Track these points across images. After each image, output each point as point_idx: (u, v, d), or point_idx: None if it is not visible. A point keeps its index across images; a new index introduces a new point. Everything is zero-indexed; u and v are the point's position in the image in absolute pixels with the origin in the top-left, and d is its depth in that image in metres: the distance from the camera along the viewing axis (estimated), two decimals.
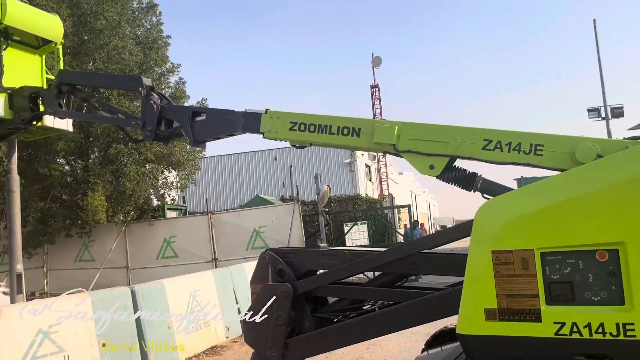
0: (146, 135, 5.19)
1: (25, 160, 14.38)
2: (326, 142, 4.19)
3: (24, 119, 6.11)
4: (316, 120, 4.18)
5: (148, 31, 17.16)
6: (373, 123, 3.93)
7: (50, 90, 5.86)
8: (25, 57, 6.81)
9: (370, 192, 30.12)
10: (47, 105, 5.85)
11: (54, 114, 5.92)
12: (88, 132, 15.53)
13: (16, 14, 6.34)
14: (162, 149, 15.44)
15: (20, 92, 6.15)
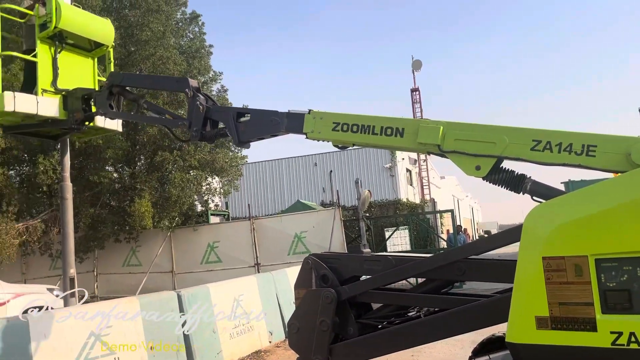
0: (192, 135, 5.31)
1: (77, 168, 14.94)
2: (369, 142, 4.17)
3: (77, 119, 6.36)
4: (359, 121, 4.16)
5: (191, 41, 17.58)
6: (417, 123, 3.88)
7: (102, 92, 6.09)
8: (78, 60, 7.04)
9: (412, 197, 29.80)
10: (99, 106, 6.08)
11: (105, 115, 6.15)
12: (135, 140, 16.02)
13: (70, 18, 6.54)
14: (206, 155, 15.75)
15: (74, 93, 6.41)
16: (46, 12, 6.48)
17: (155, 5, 15.36)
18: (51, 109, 6.29)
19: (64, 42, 6.73)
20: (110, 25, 7.28)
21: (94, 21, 7.13)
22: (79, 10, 7.01)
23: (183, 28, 17.12)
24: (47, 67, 6.55)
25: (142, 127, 15.48)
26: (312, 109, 4.49)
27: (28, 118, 6.37)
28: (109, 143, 14.54)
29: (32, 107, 6.14)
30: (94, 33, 6.94)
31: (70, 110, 6.38)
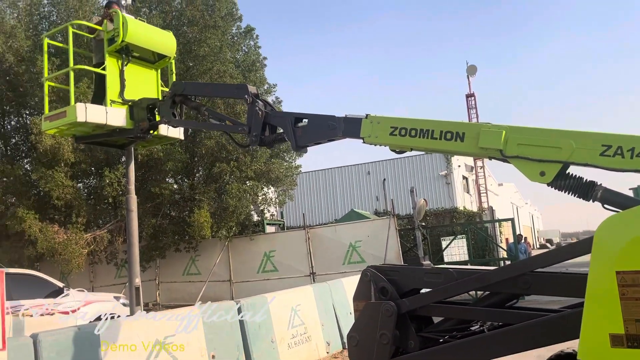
0: (252, 140, 5.44)
1: (139, 181, 15.55)
2: (428, 147, 4.10)
3: (143, 128, 6.66)
4: (417, 125, 4.11)
5: (246, 54, 17.98)
6: (478, 127, 3.79)
7: (165, 101, 6.35)
8: (143, 72, 7.36)
9: (469, 205, 29.13)
10: (163, 114, 6.36)
11: (168, 123, 6.42)
12: (193, 153, 16.51)
13: (136, 32, 6.87)
14: (261, 166, 16.02)
15: (139, 103, 6.71)
16: (114, 27, 6.83)
17: (212, 22, 15.84)
18: (119, 118, 6.63)
19: (130, 55, 7.07)
20: (172, 38, 7.58)
21: (158, 34, 7.45)
22: (144, 24, 7.36)
23: (238, 42, 17.54)
24: (115, 80, 6.91)
25: (200, 140, 15.94)
26: (369, 114, 4.50)
27: (98, 128, 6.73)
28: (169, 156, 15.06)
29: (102, 117, 6.48)
30: (158, 45, 7.25)
31: (136, 119, 6.69)
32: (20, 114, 18.29)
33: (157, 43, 7.23)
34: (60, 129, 6.75)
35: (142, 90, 7.15)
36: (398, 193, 27.66)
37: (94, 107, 6.55)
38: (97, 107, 6.58)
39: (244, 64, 17.45)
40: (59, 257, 13.73)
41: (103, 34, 6.97)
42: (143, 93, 7.08)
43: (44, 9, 17.92)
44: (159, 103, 6.56)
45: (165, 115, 6.34)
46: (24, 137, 17.90)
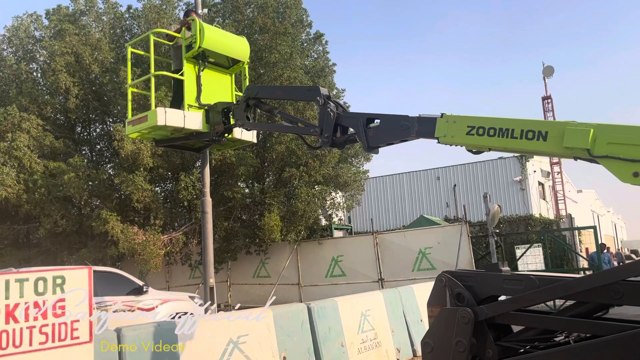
0: (323, 141, 5.46)
1: (212, 185, 16.07)
2: (507, 146, 3.92)
3: (218, 131, 6.92)
4: (496, 124, 3.93)
5: (315, 60, 18.18)
6: (563, 125, 3.58)
7: (240, 105, 6.54)
8: (218, 77, 7.65)
9: (545, 212, 27.84)
10: (237, 118, 6.56)
11: (242, 126, 6.61)
12: (263, 158, 16.86)
13: (212, 38, 7.18)
14: (330, 171, 16.10)
15: (215, 107, 6.98)
16: (191, 34, 7.15)
17: (282, 29, 16.16)
18: (196, 122, 6.93)
19: (206, 60, 7.38)
20: (246, 43, 7.83)
21: (232, 40, 7.73)
22: (219, 30, 7.67)
23: (308, 48, 17.77)
24: (192, 85, 7.23)
25: (270, 145, 16.26)
26: (444, 113, 4.37)
27: (176, 131, 7.06)
28: (241, 161, 15.46)
29: (180, 121, 6.80)
30: (232, 50, 7.52)
31: (212, 123, 6.96)
32: (105, 121, 19.47)
33: (231, 48, 7.49)
34: (141, 132, 7.12)
35: (217, 95, 7.44)
36: (469, 199, 26.90)
37: (173, 111, 6.86)
38: (176, 111, 6.89)
39: (313, 69, 17.66)
40: (139, 257, 14.42)
41: (181, 41, 7.31)
42: (218, 97, 7.36)
43: (126, 22, 19.01)
44: (234, 107, 6.76)
45: (240, 119, 6.53)
46: (108, 143, 19.01)
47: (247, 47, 7.77)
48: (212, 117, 6.95)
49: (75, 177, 15.58)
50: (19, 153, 15.69)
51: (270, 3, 16.31)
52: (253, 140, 7.99)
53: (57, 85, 16.67)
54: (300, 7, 17.20)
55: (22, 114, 16.20)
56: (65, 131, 18.33)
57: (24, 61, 18.66)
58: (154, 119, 6.70)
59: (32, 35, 19.45)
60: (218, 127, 6.89)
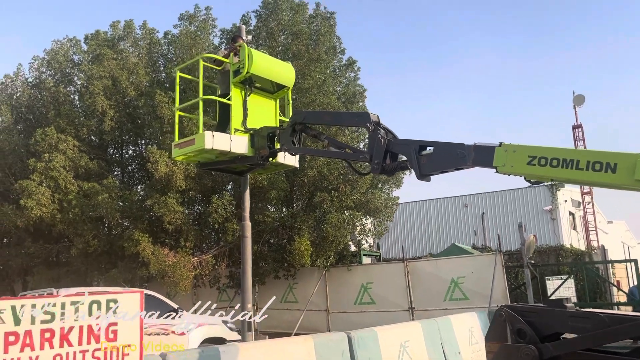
0: (373, 168, 5.43)
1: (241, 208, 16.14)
2: (571, 178, 3.83)
3: (263, 155, 6.97)
4: (560, 154, 3.86)
5: (346, 86, 18.32)
6: (634, 157, 3.48)
7: (286, 129, 6.58)
8: (263, 102, 7.74)
9: (576, 243, 27.22)
10: (283, 142, 6.59)
11: (288, 151, 6.65)
12: (294, 182, 16.90)
13: (260, 64, 7.26)
14: (361, 196, 16.04)
15: (260, 132, 7.04)
16: (239, 60, 7.25)
17: (316, 55, 16.35)
18: (241, 146, 6.99)
19: (252, 85, 7.46)
20: (292, 69, 7.92)
21: (278, 65, 7.84)
22: (267, 56, 7.79)
23: (340, 75, 17.93)
24: (239, 109, 7.31)
25: (302, 169, 16.28)
26: (503, 142, 4.33)
27: (221, 155, 7.13)
28: (272, 184, 15.51)
29: (227, 145, 6.86)
30: (279, 76, 7.62)
31: (257, 147, 7.01)
32: (137, 143, 19.81)
33: (278, 74, 7.60)
34: (187, 155, 7.21)
35: (262, 119, 7.51)
36: (498, 227, 26.47)
37: (220, 135, 6.93)
38: (223, 135, 6.96)
39: (345, 95, 17.77)
40: (169, 279, 14.46)
41: (229, 66, 7.43)
42: (263, 122, 7.42)
43: (162, 47, 19.47)
44: (280, 131, 6.81)
45: (286, 143, 6.57)
46: (139, 164, 19.31)
47: (293, 73, 7.88)
48: (258, 141, 7.02)
49: (108, 198, 15.82)
50: (55, 173, 16.01)
51: (304, 30, 16.57)
52: (295, 165, 8.03)
53: (94, 108, 17.07)
54: (333, 35, 17.44)
55: (60, 135, 16.59)
56: (99, 152, 18.70)
57: (62, 84, 19.20)
58: (201, 142, 6.78)
59: (71, 59, 20.04)
60: (263, 151, 6.95)
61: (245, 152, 7.02)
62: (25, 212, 15.57)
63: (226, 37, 17.71)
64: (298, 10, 17.23)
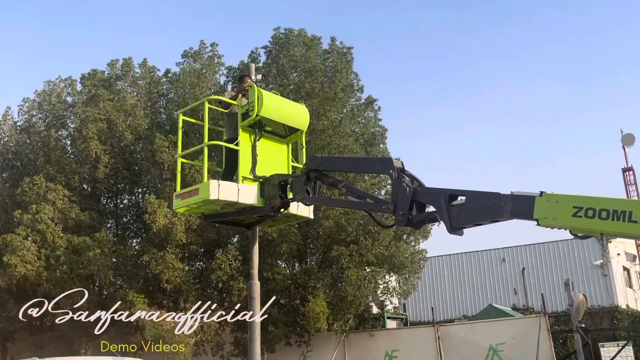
0: (398, 220, 5.41)
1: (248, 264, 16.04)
2: (623, 231, 3.81)
3: (274, 206, 6.98)
4: (610, 205, 3.84)
5: (365, 127, 18.50)
6: None
7: (299, 177, 6.63)
8: (274, 147, 7.81)
9: (632, 303, 26.53)
10: (296, 191, 6.64)
11: (302, 201, 6.67)
12: (307, 234, 16.83)
13: (271, 106, 7.35)
14: (383, 250, 15.89)
15: (271, 180, 7.08)
16: (248, 102, 7.37)
17: (331, 93, 16.60)
18: (250, 196, 7.05)
19: (262, 129, 7.55)
20: (306, 110, 8.06)
21: (291, 107, 8.01)
22: (278, 98, 7.94)
23: (358, 114, 18.15)
24: (247, 155, 7.39)
25: (316, 220, 16.25)
26: (544, 191, 4.31)
27: (228, 206, 7.17)
28: (283, 237, 15.46)
29: (234, 195, 6.92)
30: (291, 119, 7.74)
31: (267, 197, 7.05)
32: (133, 192, 20.02)
33: (290, 116, 7.70)
34: (190, 206, 7.26)
35: (273, 166, 7.57)
36: (541, 285, 25.97)
37: (226, 184, 6.99)
38: (229, 184, 7.02)
39: (364, 137, 17.92)
40: (167, 346, 14.25)
41: (237, 108, 7.55)
42: (274, 169, 7.48)
43: (163, 87, 19.96)
44: (293, 179, 6.86)
45: (299, 192, 6.61)
46: (136, 216, 19.44)
47: (307, 114, 7.99)
48: (268, 190, 7.06)
49: (100, 254, 15.84)
50: (43, 226, 16.14)
51: (318, 67, 16.89)
52: (310, 216, 8.04)
53: (87, 153, 17.35)
54: (350, 71, 17.76)
55: (49, 183, 16.82)
56: (91, 202, 18.88)
57: (54, 128, 19.64)
58: (206, 192, 6.82)
59: (64, 101, 20.58)
60: (274, 202, 6.98)
61: (254, 203, 7.07)
62: (8, 270, 15.62)
63: (233, 75, 18.13)
64: (311, 45, 17.63)
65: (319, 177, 6.65)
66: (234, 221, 8.00)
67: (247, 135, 7.46)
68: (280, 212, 7.21)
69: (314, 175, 6.62)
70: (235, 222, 8.19)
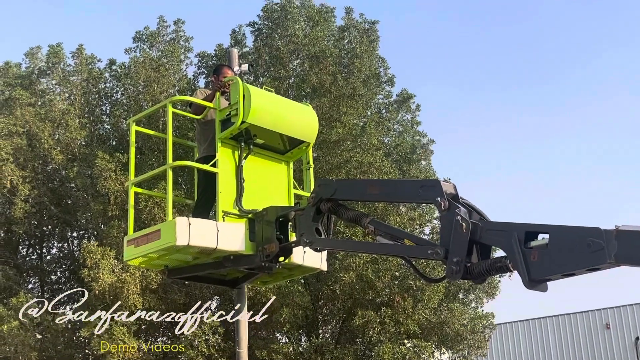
0: (451, 270, 5.36)
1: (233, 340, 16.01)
2: None
3: (269, 254, 6.80)
4: None
5: (400, 136, 18.55)
6: None
7: (306, 211, 6.50)
8: (268, 167, 7.70)
9: None
10: (302, 231, 6.47)
11: (309, 245, 6.51)
12: (318, 294, 16.80)
13: (263, 108, 7.17)
14: (431, 315, 15.83)
15: (265, 216, 6.95)
16: (229, 104, 7.19)
17: (349, 89, 16.65)
18: (235, 240, 6.84)
19: (251, 142, 7.42)
20: (313, 113, 7.90)
21: (291, 110, 7.86)
22: (273, 95, 7.84)
23: (389, 117, 18.23)
24: (230, 180, 7.18)
25: (331, 272, 16.22)
26: None
27: (203, 255, 7.04)
28: (284, 298, 15.44)
29: (211, 239, 6.67)
30: (292, 126, 7.55)
31: (259, 241, 6.90)
32: (65, 237, 20.09)
33: (290, 123, 7.56)
34: (148, 257, 7.17)
35: (268, 195, 7.46)
36: None
37: (200, 224, 6.83)
38: (205, 223, 6.88)
39: (398, 150, 17.94)
40: None
41: (214, 113, 7.47)
42: (269, 199, 7.35)
43: (106, 84, 20.09)
44: (296, 214, 6.81)
45: (306, 233, 6.52)
46: (70, 271, 19.50)
47: (315, 120, 7.84)
48: (260, 230, 6.99)
49: (18, 329, 15.82)
50: None
51: (330, 51, 16.96)
52: (322, 268, 7.94)
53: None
54: (374, 56, 17.85)
55: None
56: (5, 254, 18.94)
57: None
58: (171, 235, 6.65)
59: None
60: (270, 248, 6.86)
61: (240, 250, 6.94)
62: None
63: (207, 66, 18.30)
64: (319, 19, 17.74)
65: (334, 209, 6.59)
66: (212, 277, 7.98)
67: (229, 152, 7.30)
68: (278, 262, 7.13)
69: (327, 208, 6.55)
70: (214, 279, 8.16)
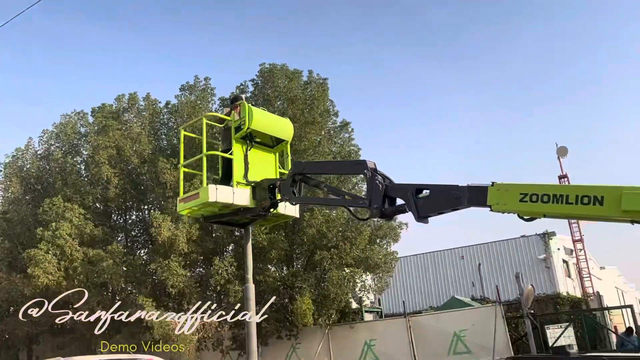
0: (372, 212, 5.46)
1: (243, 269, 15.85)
2: (562, 212, 3.92)
3: (264, 206, 7.01)
4: (550, 190, 3.94)
5: (341, 146, 18.48)
6: (619, 190, 3.59)
7: (286, 180, 6.69)
8: (263, 156, 7.82)
9: (571, 290, 26.74)
10: (284, 193, 6.70)
11: (289, 201, 6.73)
12: (293, 241, 16.70)
13: (260, 120, 7.44)
14: (360, 253, 15.82)
15: (262, 184, 7.12)
16: (240, 117, 7.46)
17: (311, 118, 16.60)
18: (244, 198, 7.07)
19: (253, 140, 7.60)
20: (290, 124, 8.17)
21: (277, 121, 8.13)
22: (266, 113, 8.09)
23: (335, 135, 18.15)
24: (240, 163, 7.40)
25: (301, 228, 16.14)
26: (495, 181, 4.39)
27: (225, 207, 7.16)
28: (273, 244, 15.32)
29: (229, 197, 6.95)
30: (278, 130, 7.82)
31: (259, 199, 7.09)
32: (140, 209, 19.72)
33: (276, 128, 7.82)
34: (192, 209, 7.28)
35: (263, 172, 7.60)
36: (494, 278, 26.08)
37: (223, 188, 7.05)
38: (226, 188, 7.07)
39: (340, 155, 17.88)
40: (172, 343, 13.98)
41: (231, 123, 7.62)
42: (264, 174, 7.53)
43: (164, 117, 19.80)
44: (280, 182, 6.92)
45: (286, 194, 6.69)
46: (143, 229, 19.15)
47: (291, 127, 8.13)
48: (259, 193, 7.13)
49: (112, 264, 15.60)
50: (62, 241, 15.84)
51: (299, 96, 16.90)
52: (296, 215, 8.06)
53: (99, 176, 17.18)
54: (327, 98, 17.76)
55: (66, 203, 16.57)
56: (103, 219, 18.59)
57: (70, 155, 19.37)
58: (206, 195, 6.89)
59: (78, 131, 20.30)
60: (264, 203, 7.07)
61: (247, 204, 7.12)
62: (33, 281, 15.30)
63: (225, 105, 18.03)
64: (293, 77, 17.62)
65: (304, 179, 6.74)
66: (230, 221, 8.01)
67: (239, 146, 7.54)
68: (270, 211, 7.28)
69: (299, 178, 6.73)
70: (231, 222, 8.21)
